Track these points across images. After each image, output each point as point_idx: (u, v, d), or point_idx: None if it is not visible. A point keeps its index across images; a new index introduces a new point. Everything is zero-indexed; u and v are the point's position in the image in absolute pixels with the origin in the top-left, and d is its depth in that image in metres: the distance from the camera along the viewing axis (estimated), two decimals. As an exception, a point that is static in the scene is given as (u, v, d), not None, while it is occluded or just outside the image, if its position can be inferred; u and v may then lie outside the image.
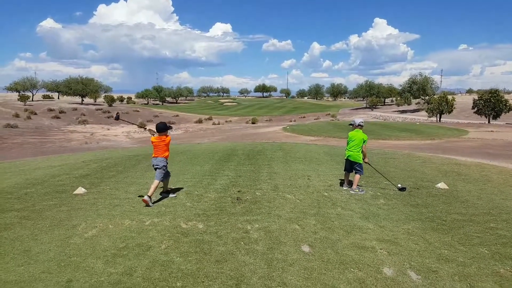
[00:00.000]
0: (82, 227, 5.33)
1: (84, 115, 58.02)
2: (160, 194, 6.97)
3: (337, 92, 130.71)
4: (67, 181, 8.55)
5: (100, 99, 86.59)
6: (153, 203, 6.45)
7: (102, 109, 66.99)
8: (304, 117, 64.99)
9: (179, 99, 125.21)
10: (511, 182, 8.49)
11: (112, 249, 4.55)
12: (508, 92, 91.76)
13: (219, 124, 51.54)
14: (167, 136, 6.73)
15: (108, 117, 59.13)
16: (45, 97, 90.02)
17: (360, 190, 7.41)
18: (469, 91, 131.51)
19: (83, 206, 6.36)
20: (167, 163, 6.77)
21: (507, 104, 38.52)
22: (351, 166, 7.57)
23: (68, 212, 6.06)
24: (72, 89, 77.38)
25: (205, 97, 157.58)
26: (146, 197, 6.48)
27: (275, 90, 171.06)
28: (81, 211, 6.08)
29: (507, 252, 4.49)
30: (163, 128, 6.69)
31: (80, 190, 7.38)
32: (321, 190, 7.48)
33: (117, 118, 7.35)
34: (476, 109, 41.39)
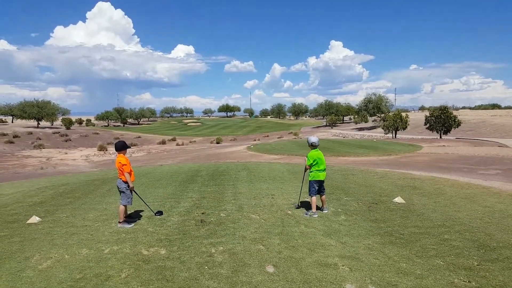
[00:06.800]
0: (35, 258, 5.05)
1: (40, 139, 55.34)
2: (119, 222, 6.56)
3: (298, 111, 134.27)
4: (20, 210, 8.08)
5: (58, 122, 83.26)
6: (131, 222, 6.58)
7: (59, 132, 64.31)
8: (267, 136, 65.68)
9: (142, 120, 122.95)
10: (462, 194, 8.96)
11: (68, 281, 4.33)
12: (457, 109, 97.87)
13: (183, 144, 50.86)
14: (123, 156, 6.52)
15: (66, 141, 56.83)
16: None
17: (310, 213, 7.08)
18: (422, 108, 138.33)
19: (37, 236, 6.03)
20: (127, 186, 6.50)
21: (456, 120, 40.92)
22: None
23: (21, 243, 5.72)
24: (27, 112, 74.15)
25: (168, 117, 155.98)
26: (119, 225, 6.41)
27: (238, 109, 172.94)
28: (35, 242, 5.76)
29: (461, 262, 4.72)
30: (119, 147, 6.56)
31: (34, 219, 7.00)
32: (284, 209, 7.56)
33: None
34: (428, 125, 43.50)
